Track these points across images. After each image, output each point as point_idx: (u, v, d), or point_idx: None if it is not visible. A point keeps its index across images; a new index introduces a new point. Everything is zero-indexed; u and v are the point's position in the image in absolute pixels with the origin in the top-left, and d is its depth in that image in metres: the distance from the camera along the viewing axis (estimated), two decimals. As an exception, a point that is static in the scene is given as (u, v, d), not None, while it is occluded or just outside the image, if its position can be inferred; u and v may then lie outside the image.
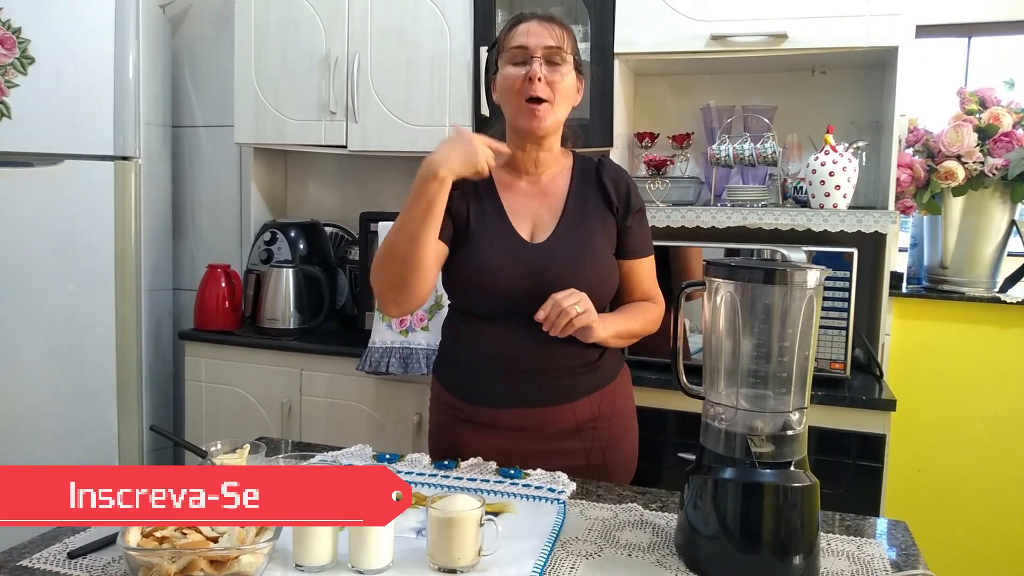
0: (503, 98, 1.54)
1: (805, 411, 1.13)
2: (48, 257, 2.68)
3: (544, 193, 1.60)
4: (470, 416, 1.60)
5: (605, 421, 1.60)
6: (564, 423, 1.57)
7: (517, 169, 1.61)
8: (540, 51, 1.48)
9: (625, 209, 1.60)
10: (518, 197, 1.59)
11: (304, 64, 2.73)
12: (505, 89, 1.52)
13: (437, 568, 1.08)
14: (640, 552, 1.17)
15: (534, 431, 1.56)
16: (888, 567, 1.14)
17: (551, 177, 1.61)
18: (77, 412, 2.74)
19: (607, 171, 1.62)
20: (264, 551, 1.04)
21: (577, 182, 1.61)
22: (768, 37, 2.22)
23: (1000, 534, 2.44)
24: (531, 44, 1.49)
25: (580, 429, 1.58)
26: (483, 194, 1.58)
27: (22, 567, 1.08)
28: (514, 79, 1.49)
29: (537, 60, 1.48)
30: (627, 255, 1.62)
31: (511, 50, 1.50)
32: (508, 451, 1.53)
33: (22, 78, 2.61)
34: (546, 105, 1.49)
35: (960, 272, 2.45)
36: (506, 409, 1.56)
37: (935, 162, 2.37)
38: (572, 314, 1.40)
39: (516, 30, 1.52)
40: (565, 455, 1.55)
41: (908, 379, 2.45)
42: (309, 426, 2.58)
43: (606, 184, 1.60)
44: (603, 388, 1.61)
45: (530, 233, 1.57)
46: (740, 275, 1.13)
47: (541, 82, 1.47)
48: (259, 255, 2.79)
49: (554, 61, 1.49)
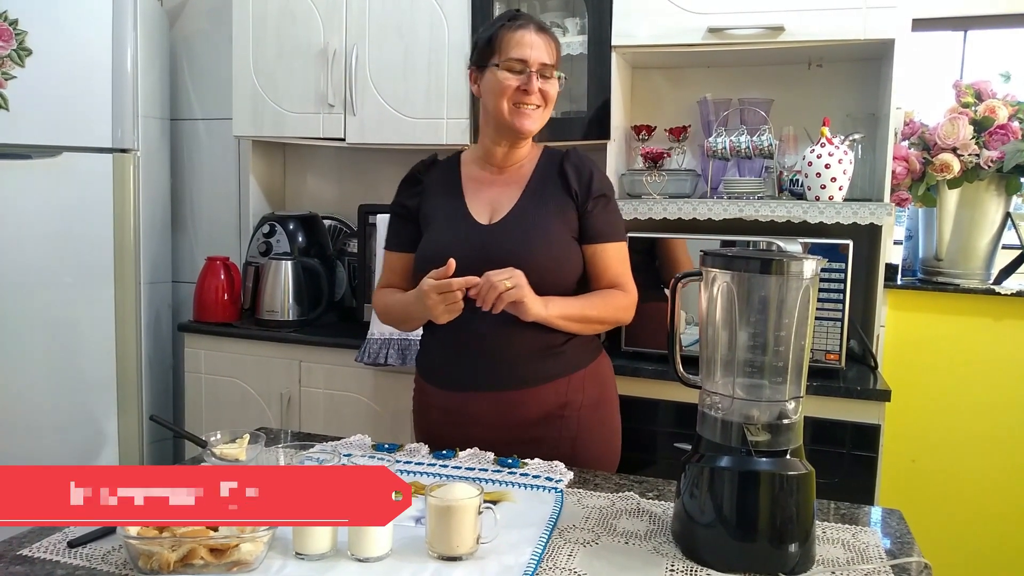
0: (492, 96, 1.60)
1: (801, 400, 1.15)
2: (47, 250, 2.69)
3: (507, 182, 1.66)
4: (438, 402, 1.63)
5: (574, 410, 1.60)
6: (528, 410, 1.57)
7: (488, 161, 1.68)
8: (537, 66, 1.58)
9: (586, 193, 1.62)
10: (481, 186, 1.66)
11: (302, 57, 2.73)
12: (498, 91, 1.58)
13: (436, 556, 1.09)
14: (637, 540, 1.18)
15: (498, 417, 1.57)
16: (883, 555, 1.15)
17: (517, 168, 1.68)
18: (77, 404, 2.74)
19: (570, 160, 1.66)
20: (264, 540, 1.05)
21: (540, 171, 1.66)
22: (765, 30, 2.22)
23: (994, 523, 2.45)
24: (530, 59, 1.57)
25: (547, 418, 1.58)
26: (448, 187, 1.68)
27: (22, 556, 1.09)
28: (510, 86, 1.57)
29: (534, 74, 1.57)
30: (589, 239, 1.63)
31: (509, 60, 1.57)
32: (475, 439, 1.54)
33: (19, 70, 2.61)
34: (538, 110, 1.60)
35: (955, 264, 2.46)
36: (468, 392, 1.58)
37: (931, 154, 2.38)
38: (500, 288, 1.42)
39: (514, 37, 1.58)
40: (531, 443, 1.55)
41: (903, 370, 2.47)
42: (308, 417, 2.59)
43: (567, 171, 1.64)
44: (570, 375, 1.61)
45: (488, 218, 1.62)
46: (737, 265, 1.14)
47: (536, 93, 1.58)
48: (258, 247, 2.80)
49: (546, 75, 1.60)
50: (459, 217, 1.62)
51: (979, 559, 2.46)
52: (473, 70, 1.66)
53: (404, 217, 1.70)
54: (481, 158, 1.69)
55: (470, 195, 1.65)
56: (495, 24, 1.63)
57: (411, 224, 1.69)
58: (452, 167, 1.71)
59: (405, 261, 1.69)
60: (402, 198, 1.72)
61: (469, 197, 1.65)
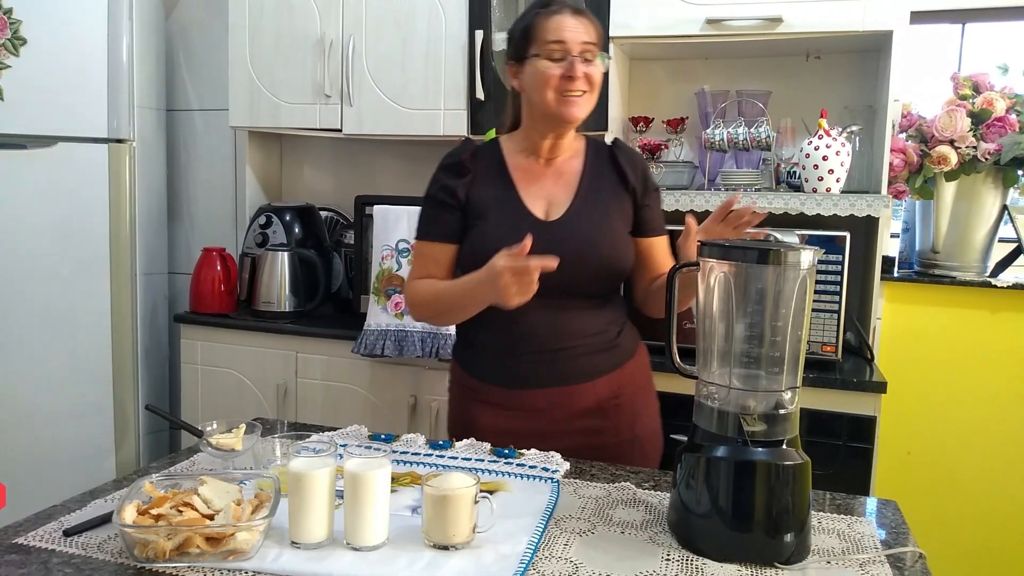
0: (535, 88, 1.53)
1: (797, 390, 1.15)
2: (42, 240, 2.68)
3: (558, 173, 1.61)
4: (488, 398, 1.59)
5: (627, 399, 1.61)
6: (585, 402, 1.57)
7: (533, 153, 1.62)
8: (578, 48, 1.50)
9: (643, 187, 1.62)
10: (531, 178, 1.61)
11: (299, 47, 2.72)
12: (540, 82, 1.51)
13: (432, 545, 1.09)
14: (633, 530, 1.18)
15: (554, 411, 1.55)
16: (878, 544, 1.16)
17: (565, 159, 1.63)
18: (73, 396, 2.74)
19: (622, 152, 1.64)
20: (260, 528, 1.05)
21: (591, 162, 1.62)
22: (763, 21, 2.22)
23: (989, 515, 2.46)
24: (569, 40, 1.49)
25: (602, 408, 1.58)
26: (495, 176, 1.60)
27: (17, 545, 1.09)
28: (553, 75, 1.50)
29: (576, 58, 1.50)
30: (645, 233, 1.64)
31: (548, 45, 1.50)
32: (529, 432, 1.53)
33: (14, 59, 2.60)
34: (584, 95, 1.52)
35: (951, 256, 2.46)
36: (525, 389, 1.56)
37: (928, 147, 2.38)
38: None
39: (550, 23, 1.51)
40: (590, 434, 1.56)
41: (899, 362, 2.47)
42: (305, 408, 2.59)
43: (622, 164, 1.61)
44: (622, 366, 1.61)
45: (544, 212, 1.57)
46: (734, 255, 1.14)
47: (581, 78, 1.51)
48: (254, 238, 2.79)
49: (588, 58, 1.52)
50: (516, 212, 1.56)
51: (974, 550, 2.47)
52: (512, 64, 1.58)
53: (449, 206, 1.59)
54: (526, 149, 1.63)
55: (522, 187, 1.59)
56: (529, 14, 1.56)
57: (456, 213, 1.59)
58: (495, 156, 1.63)
59: (449, 252, 1.60)
60: (448, 186, 1.59)
61: (522, 190, 1.59)
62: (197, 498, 1.08)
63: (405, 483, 1.32)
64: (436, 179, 1.63)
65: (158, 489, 1.13)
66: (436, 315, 1.65)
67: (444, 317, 1.66)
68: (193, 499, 1.08)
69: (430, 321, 1.69)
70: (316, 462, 1.11)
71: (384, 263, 2.43)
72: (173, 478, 1.18)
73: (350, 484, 1.07)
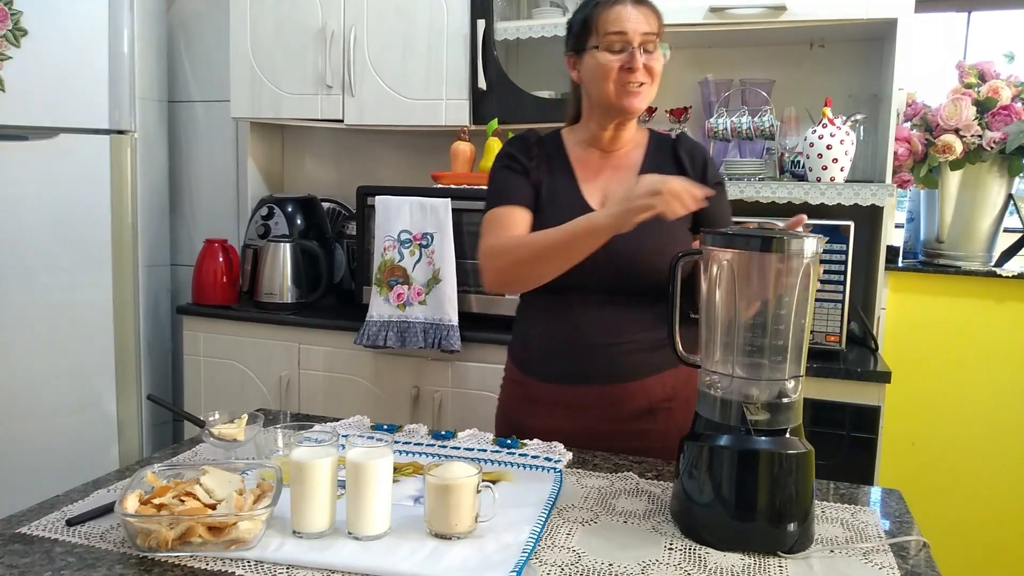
0: (594, 80, 1.51)
1: (800, 379, 1.14)
2: (44, 232, 2.68)
3: (618, 166, 1.59)
4: (539, 395, 1.57)
5: (682, 402, 1.54)
6: (636, 402, 1.53)
7: (593, 145, 1.60)
8: (638, 39, 1.47)
9: (701, 181, 1.51)
10: (591, 170, 1.58)
11: (300, 38, 2.71)
12: (600, 74, 1.49)
13: (434, 534, 1.08)
14: (636, 519, 1.18)
15: (605, 410, 1.52)
16: (882, 533, 1.15)
17: (626, 152, 1.60)
18: (76, 388, 2.74)
19: (683, 145, 1.61)
20: (262, 518, 1.05)
21: (651, 156, 1.59)
22: (767, 9, 2.21)
23: (994, 505, 2.46)
24: (629, 31, 1.47)
25: (654, 410, 1.54)
26: (556, 167, 1.58)
27: (20, 534, 1.09)
28: (612, 67, 1.48)
29: (636, 50, 1.47)
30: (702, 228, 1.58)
31: (608, 36, 1.48)
32: (577, 432, 1.50)
33: (15, 50, 2.59)
34: (644, 87, 1.50)
35: (956, 246, 2.45)
36: (576, 386, 1.53)
37: (933, 136, 2.37)
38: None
39: (610, 14, 1.48)
40: (639, 436, 1.52)
41: (903, 352, 2.47)
42: (307, 400, 2.59)
43: (681, 157, 1.58)
44: (677, 367, 1.51)
45: (601, 205, 1.53)
46: (737, 243, 1.13)
47: (641, 69, 1.48)
48: (256, 230, 2.79)
49: (649, 49, 1.49)
50: (573, 204, 1.52)
51: (978, 539, 2.47)
52: (571, 56, 1.56)
53: (523, 175, 1.56)
54: (586, 141, 1.60)
55: (582, 180, 1.57)
56: (588, 4, 1.52)
57: (530, 184, 1.56)
58: (557, 145, 1.62)
59: (528, 219, 1.53)
60: (521, 157, 1.57)
61: (582, 182, 1.57)
62: (199, 488, 1.08)
63: (407, 473, 1.31)
64: (507, 154, 1.59)
65: (160, 479, 1.13)
66: (523, 261, 1.47)
67: (534, 265, 1.46)
68: (195, 489, 1.08)
69: (514, 278, 1.51)
70: (318, 451, 1.11)
71: (386, 254, 2.43)
72: (175, 468, 1.18)
73: (352, 473, 1.07)
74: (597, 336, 1.52)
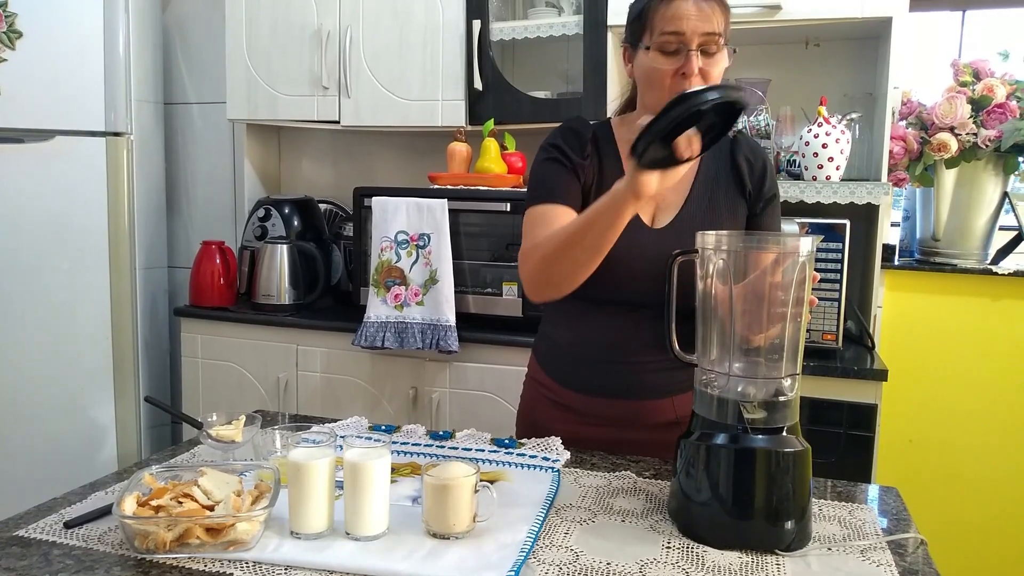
0: (644, 82, 1.39)
1: (797, 377, 1.14)
2: (41, 235, 2.67)
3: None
4: (564, 400, 1.53)
5: None
6: (663, 416, 1.48)
7: None
8: (696, 40, 1.30)
9: (757, 194, 1.46)
10: None
11: (296, 39, 2.71)
12: (652, 79, 1.35)
13: (432, 534, 1.09)
14: (633, 518, 1.18)
15: (629, 422, 1.49)
16: (879, 531, 1.15)
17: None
18: (73, 390, 2.74)
19: (742, 149, 1.48)
20: (260, 519, 1.05)
21: (707, 162, 1.46)
22: (762, 8, 2.21)
23: (991, 503, 2.46)
24: (687, 31, 1.30)
25: (681, 423, 1.43)
26: (607, 162, 1.46)
27: (18, 537, 1.09)
28: (664, 72, 1.33)
29: (693, 53, 1.30)
30: None
31: (663, 35, 1.31)
32: (600, 439, 1.48)
33: (10, 53, 2.59)
34: None
35: (952, 244, 2.46)
36: (603, 399, 1.48)
37: (928, 134, 2.37)
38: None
39: (668, 10, 1.32)
40: (666, 448, 1.42)
41: (900, 350, 2.47)
42: (305, 401, 2.59)
43: (740, 164, 1.46)
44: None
45: (651, 216, 1.44)
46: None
47: (697, 75, 1.32)
48: (253, 231, 2.79)
49: (710, 51, 1.32)
50: None
51: (975, 536, 2.48)
52: (626, 48, 1.42)
53: (572, 172, 1.43)
54: None
55: None
56: None
57: (578, 182, 1.43)
58: (609, 142, 1.48)
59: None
60: (572, 153, 1.43)
61: None
62: (197, 489, 1.08)
63: (405, 473, 1.31)
64: (555, 146, 1.45)
65: (158, 480, 1.13)
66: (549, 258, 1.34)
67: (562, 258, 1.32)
68: (193, 490, 1.08)
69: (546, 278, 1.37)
70: (316, 452, 1.11)
71: (383, 255, 2.43)
72: (173, 470, 1.18)
73: (350, 474, 1.07)
74: (615, 353, 1.46)
